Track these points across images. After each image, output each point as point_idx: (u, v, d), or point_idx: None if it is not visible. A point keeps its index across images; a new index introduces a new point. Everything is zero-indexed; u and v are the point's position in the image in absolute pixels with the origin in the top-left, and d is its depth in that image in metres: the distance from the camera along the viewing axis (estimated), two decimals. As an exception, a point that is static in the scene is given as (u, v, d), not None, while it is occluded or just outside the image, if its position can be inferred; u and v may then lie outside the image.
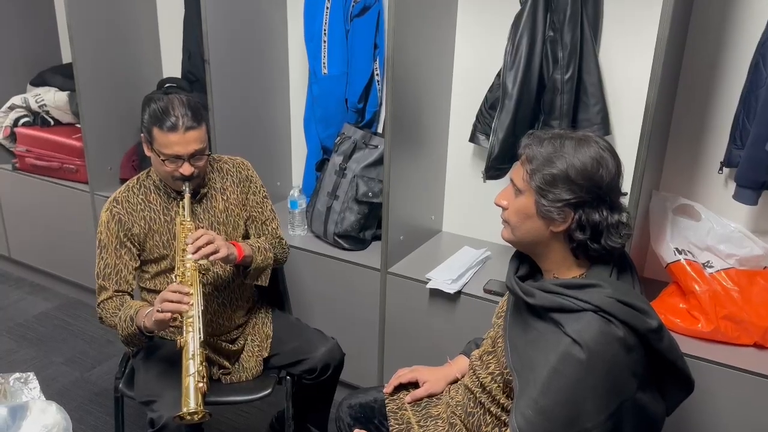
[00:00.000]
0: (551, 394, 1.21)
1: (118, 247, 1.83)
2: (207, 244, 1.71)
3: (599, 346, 1.19)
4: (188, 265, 1.71)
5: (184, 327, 1.62)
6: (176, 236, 1.82)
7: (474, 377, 1.50)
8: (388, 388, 1.69)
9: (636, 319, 1.21)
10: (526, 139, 1.34)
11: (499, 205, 1.38)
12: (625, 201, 1.33)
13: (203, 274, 1.82)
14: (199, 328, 1.62)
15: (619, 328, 1.20)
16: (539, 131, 1.35)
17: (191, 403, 1.53)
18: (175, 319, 1.63)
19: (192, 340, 1.60)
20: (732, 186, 1.89)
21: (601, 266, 1.32)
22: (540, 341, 1.27)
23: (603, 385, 1.20)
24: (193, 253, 1.70)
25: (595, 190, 1.25)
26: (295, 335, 2.03)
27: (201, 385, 1.55)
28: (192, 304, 1.63)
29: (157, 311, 1.61)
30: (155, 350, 1.90)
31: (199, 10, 2.34)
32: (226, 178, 1.96)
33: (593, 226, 1.26)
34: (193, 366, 1.58)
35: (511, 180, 1.35)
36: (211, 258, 1.73)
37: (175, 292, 1.62)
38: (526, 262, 1.43)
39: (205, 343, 1.75)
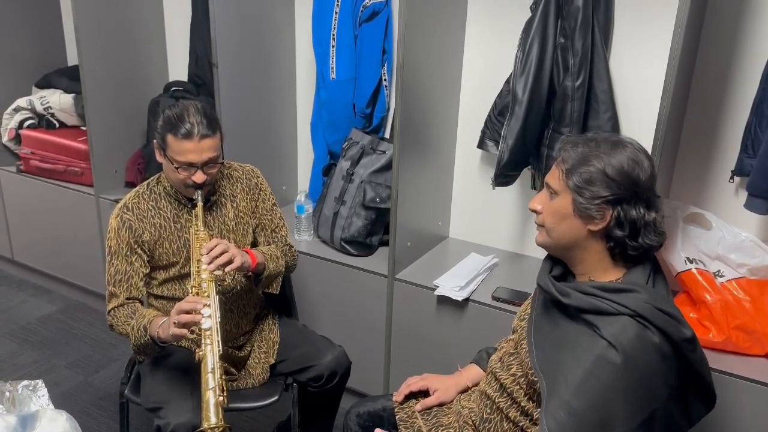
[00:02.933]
0: (584, 396, 1.20)
1: (128, 253, 1.81)
2: (221, 254, 1.69)
3: (635, 351, 1.19)
4: (204, 276, 1.69)
5: (202, 339, 1.59)
6: (191, 247, 1.79)
7: (494, 381, 1.49)
8: (398, 396, 1.68)
9: (672, 327, 1.21)
10: (560, 143, 1.35)
11: (534, 210, 1.38)
12: (660, 203, 1.33)
13: (219, 284, 1.79)
14: (218, 341, 1.58)
15: (655, 334, 1.20)
16: (573, 136, 1.35)
17: (212, 418, 1.49)
18: (192, 332, 1.60)
19: (211, 353, 1.56)
20: (743, 195, 1.88)
21: (638, 270, 1.31)
22: (570, 342, 1.26)
23: (636, 390, 1.19)
24: (209, 264, 1.68)
25: (633, 187, 1.25)
26: (301, 342, 2.02)
27: (221, 399, 1.52)
28: (209, 316, 1.60)
29: (173, 323, 1.59)
30: (162, 357, 1.88)
31: (207, 13, 2.33)
32: (236, 185, 1.95)
33: (631, 223, 1.26)
34: (212, 380, 1.54)
35: (546, 183, 1.35)
36: (227, 269, 1.71)
37: (191, 302, 1.60)
38: (559, 264, 1.42)
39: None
